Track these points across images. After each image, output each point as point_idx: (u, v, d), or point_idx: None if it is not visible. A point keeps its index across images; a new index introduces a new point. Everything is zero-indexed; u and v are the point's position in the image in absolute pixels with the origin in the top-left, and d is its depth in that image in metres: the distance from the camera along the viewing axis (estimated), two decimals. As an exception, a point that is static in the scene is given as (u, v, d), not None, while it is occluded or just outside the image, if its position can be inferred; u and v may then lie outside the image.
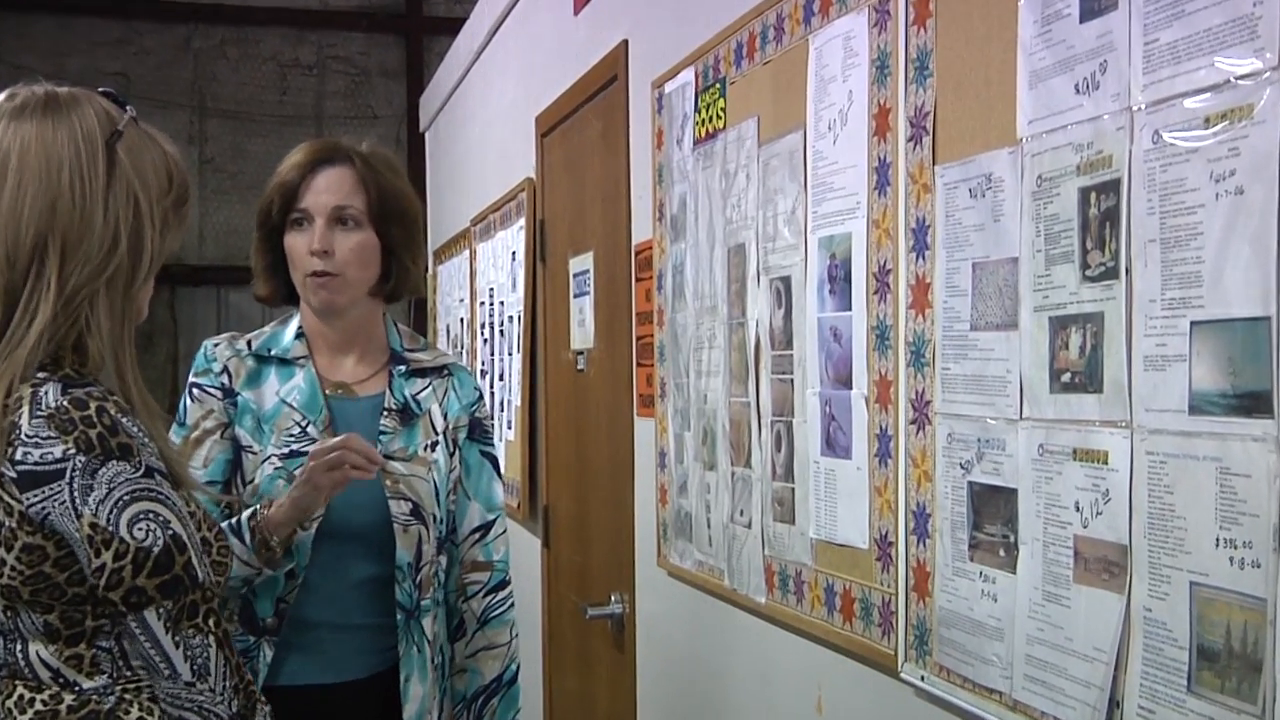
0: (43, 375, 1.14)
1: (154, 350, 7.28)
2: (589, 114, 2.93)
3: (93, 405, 1.13)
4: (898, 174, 1.53)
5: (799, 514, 1.79)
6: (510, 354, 3.69)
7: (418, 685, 1.75)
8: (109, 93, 1.25)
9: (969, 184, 1.38)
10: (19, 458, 1.11)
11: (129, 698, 1.15)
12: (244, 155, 7.83)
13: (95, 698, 1.15)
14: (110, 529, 1.11)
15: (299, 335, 1.80)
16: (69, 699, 1.15)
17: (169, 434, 1.27)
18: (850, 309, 1.64)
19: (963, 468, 1.40)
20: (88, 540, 1.11)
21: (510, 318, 3.72)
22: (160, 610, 1.13)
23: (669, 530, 2.34)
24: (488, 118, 4.26)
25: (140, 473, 1.14)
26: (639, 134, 2.51)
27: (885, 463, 1.57)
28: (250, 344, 1.79)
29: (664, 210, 2.33)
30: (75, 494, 1.11)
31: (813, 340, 1.74)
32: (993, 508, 1.35)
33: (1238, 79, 1.01)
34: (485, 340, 4.09)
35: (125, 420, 1.15)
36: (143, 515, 1.13)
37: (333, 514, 1.70)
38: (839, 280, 1.67)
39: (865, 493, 1.61)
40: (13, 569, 1.12)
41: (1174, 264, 1.08)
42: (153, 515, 1.13)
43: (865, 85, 1.60)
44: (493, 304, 3.99)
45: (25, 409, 1.12)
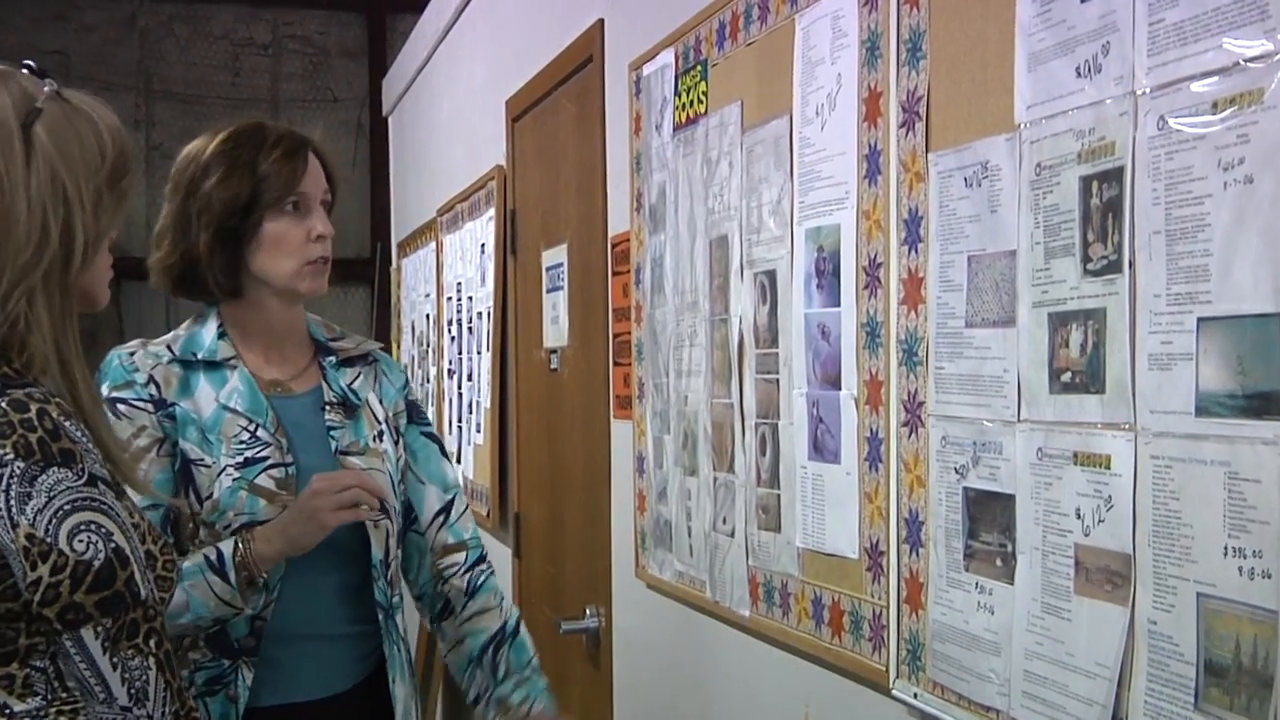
0: None
1: (98, 348, 7.18)
2: (562, 98, 2.92)
3: (33, 408, 1.12)
4: (889, 162, 1.53)
5: (785, 522, 1.79)
6: (479, 353, 3.69)
7: (401, 685, 1.80)
8: (29, 65, 1.23)
9: (964, 172, 1.38)
10: None
11: None
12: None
13: None
14: (49, 540, 1.10)
15: (221, 335, 1.78)
16: (-3, 723, 1.14)
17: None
18: (839, 305, 1.65)
19: (957, 473, 1.40)
20: (24, 552, 1.10)
21: (479, 314, 3.71)
22: (99, 629, 1.12)
23: (647, 539, 2.34)
24: (455, 101, 4.25)
25: (83, 481, 1.12)
26: (615, 119, 2.51)
27: (876, 467, 1.57)
28: (170, 348, 1.76)
29: (642, 200, 2.33)
30: (12, 502, 1.09)
31: (799, 338, 1.74)
32: (989, 515, 1.35)
33: (1247, 61, 1.02)
34: (453, 338, 4.08)
35: (68, 424, 1.14)
36: (84, 526, 1.12)
37: None
38: (827, 274, 1.67)
39: (855, 499, 1.61)
40: None
41: (1180, 257, 1.08)
42: (94, 527, 1.12)
43: (855, 68, 1.60)
44: (460, 300, 3.99)
45: None
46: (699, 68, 2.07)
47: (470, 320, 3.84)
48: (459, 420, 4.01)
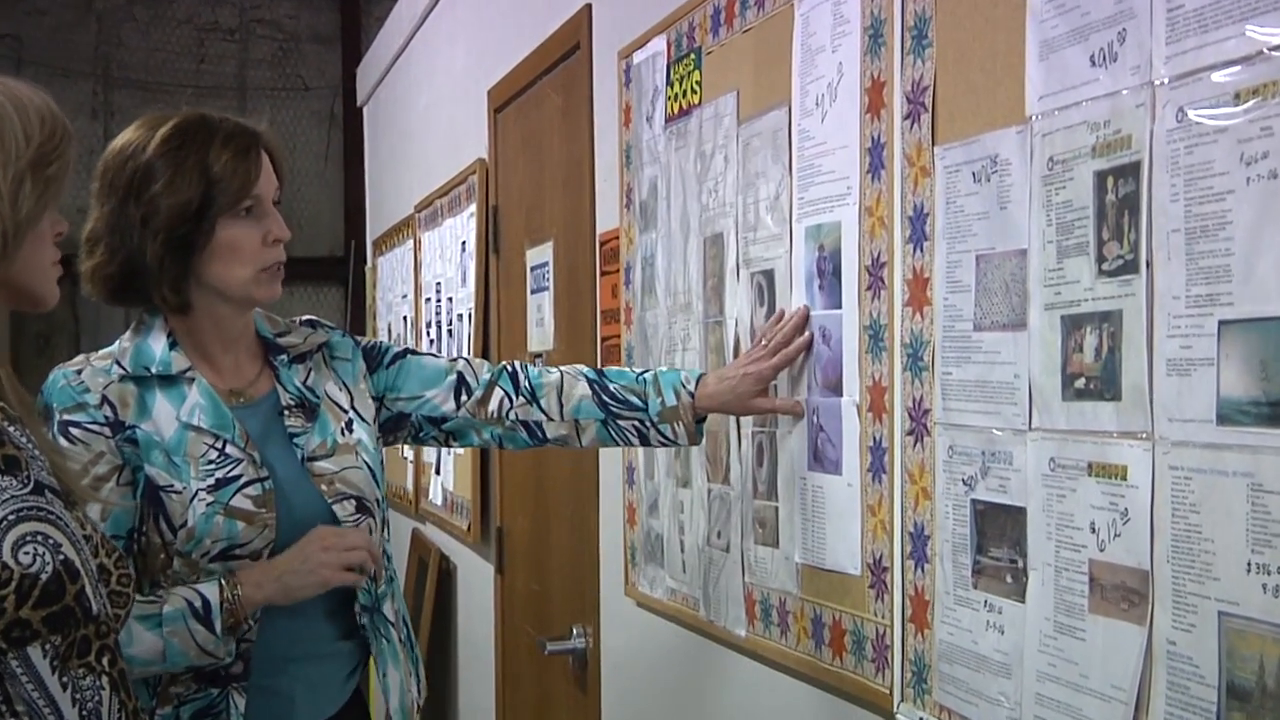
0: None
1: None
2: (548, 87, 2.92)
3: None
4: (893, 156, 1.54)
5: (783, 536, 1.80)
6: (460, 356, 3.68)
7: (394, 672, 1.84)
8: None
9: (972, 167, 1.39)
10: None
11: None
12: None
13: None
14: None
15: (172, 345, 1.73)
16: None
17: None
18: (840, 307, 1.65)
19: (965, 484, 1.41)
20: None
21: (460, 316, 3.71)
22: (47, 646, 1.11)
23: (637, 555, 2.34)
24: (434, 91, 4.25)
25: (29, 489, 1.12)
26: (604, 110, 2.51)
27: (879, 478, 1.57)
28: (120, 364, 1.72)
29: (632, 196, 2.33)
30: None
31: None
32: (999, 529, 1.36)
33: (1271, 50, 1.02)
34: (432, 341, 4.08)
35: (12, 429, 1.13)
36: (30, 537, 1.10)
37: (282, 539, 1.71)
38: (828, 274, 1.68)
39: (857, 512, 1.62)
40: None
41: (1200, 257, 1.08)
42: (41, 538, 1.11)
43: (857, 56, 1.61)
44: (440, 300, 3.98)
45: None
46: (692, 56, 2.07)
47: (450, 322, 3.84)
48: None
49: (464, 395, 1.93)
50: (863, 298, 1.60)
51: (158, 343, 1.74)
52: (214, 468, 1.69)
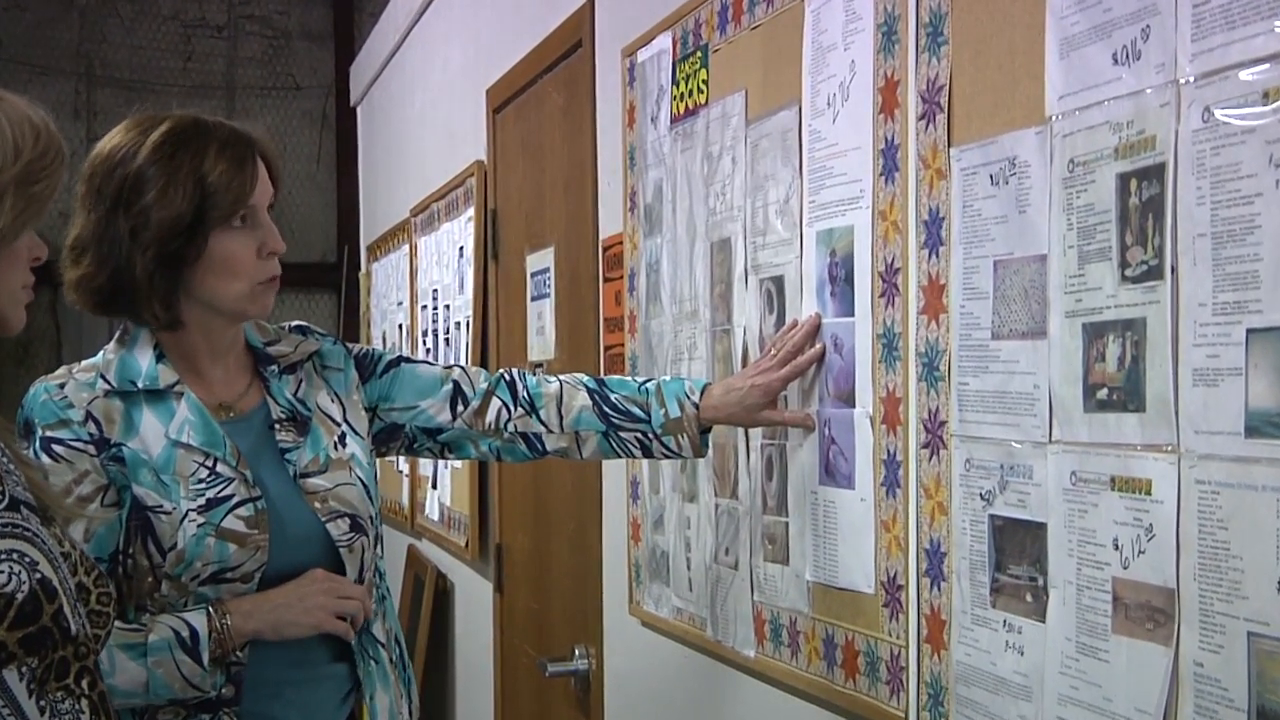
0: None
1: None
2: (549, 86, 2.93)
3: None
4: (907, 157, 1.54)
5: (793, 553, 1.80)
6: (455, 364, 3.69)
7: (383, 695, 1.83)
8: None
9: (990, 169, 1.39)
10: None
11: None
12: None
13: None
14: None
15: (159, 357, 1.72)
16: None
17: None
18: (853, 314, 1.65)
19: (983, 499, 1.41)
20: None
21: (457, 324, 3.71)
22: (23, 669, 1.10)
23: (642, 572, 2.34)
24: (430, 90, 4.26)
25: (3, 505, 1.12)
26: (607, 110, 2.52)
27: (893, 493, 1.57)
28: (105, 377, 1.70)
29: (636, 199, 2.34)
30: None
31: (809, 350, 1.74)
32: (1018, 546, 1.36)
33: (1299, 48, 1.02)
34: (428, 349, 4.08)
35: None
36: (5, 555, 1.10)
37: (274, 561, 1.71)
38: (839, 281, 1.68)
39: (870, 528, 1.62)
40: None
41: (1227, 262, 1.09)
42: (17, 555, 1.11)
43: (870, 54, 1.61)
44: (437, 307, 3.99)
45: None
46: (699, 54, 2.08)
47: (447, 330, 3.84)
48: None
49: (460, 405, 1.93)
50: (876, 305, 1.60)
51: (144, 355, 1.72)
52: (204, 487, 1.68)
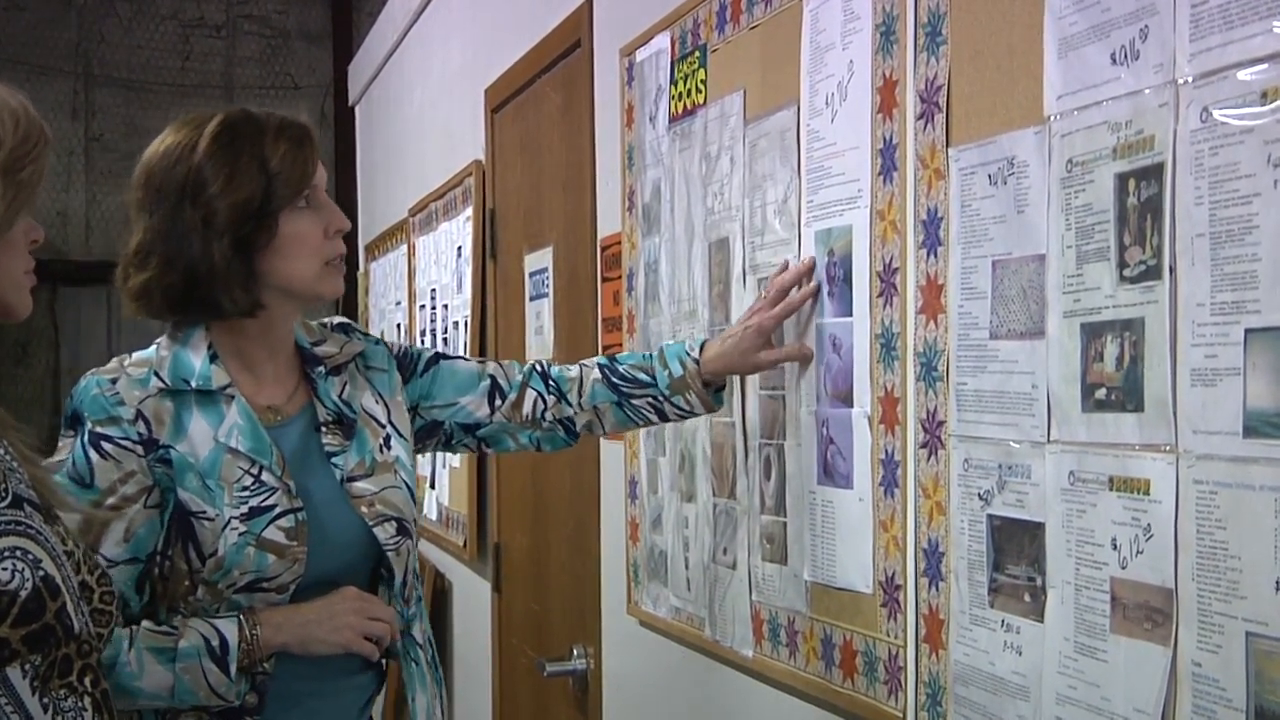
0: None
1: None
2: (547, 86, 2.93)
3: None
4: (905, 157, 1.54)
5: (791, 553, 1.80)
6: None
7: (421, 696, 1.84)
8: None
9: (988, 169, 1.39)
10: None
11: None
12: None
13: None
14: None
15: (213, 358, 1.71)
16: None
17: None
18: (851, 314, 1.65)
19: (981, 499, 1.41)
20: None
21: (455, 324, 3.71)
22: (26, 666, 1.10)
23: (640, 572, 2.34)
24: (428, 90, 4.26)
25: (7, 502, 1.12)
26: (605, 110, 2.52)
27: (891, 493, 1.57)
28: (159, 375, 1.68)
29: (634, 199, 2.34)
30: None
31: (808, 350, 1.74)
32: (1016, 545, 1.36)
33: (1298, 48, 1.02)
34: (425, 350, 4.08)
35: None
36: (8, 553, 1.10)
37: (314, 563, 1.69)
38: (838, 281, 1.68)
39: (868, 528, 1.62)
40: None
41: (1226, 262, 1.09)
42: (20, 553, 1.11)
43: (868, 54, 1.61)
44: (435, 307, 3.99)
45: None
46: (697, 53, 2.08)
47: (445, 330, 3.84)
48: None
49: (498, 399, 1.93)
50: (874, 305, 1.60)
51: (198, 355, 1.71)
52: (248, 494, 1.67)
